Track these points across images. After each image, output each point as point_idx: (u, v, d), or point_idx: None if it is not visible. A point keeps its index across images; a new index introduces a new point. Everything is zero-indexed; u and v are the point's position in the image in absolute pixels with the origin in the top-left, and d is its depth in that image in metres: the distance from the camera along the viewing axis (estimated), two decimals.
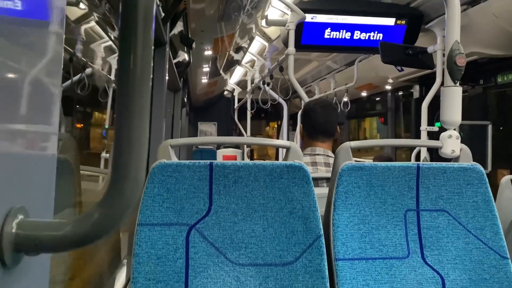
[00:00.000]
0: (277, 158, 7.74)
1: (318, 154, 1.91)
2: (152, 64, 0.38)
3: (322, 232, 1.12)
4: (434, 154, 3.47)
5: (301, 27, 2.90)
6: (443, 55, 2.60)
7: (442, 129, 1.34)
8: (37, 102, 0.42)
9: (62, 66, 0.48)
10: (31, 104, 0.41)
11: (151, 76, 0.38)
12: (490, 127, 3.27)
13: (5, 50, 0.36)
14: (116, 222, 0.35)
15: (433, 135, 2.89)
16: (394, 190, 1.20)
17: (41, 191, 0.43)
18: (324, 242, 1.12)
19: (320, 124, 1.93)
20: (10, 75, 0.37)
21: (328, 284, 1.09)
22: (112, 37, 3.64)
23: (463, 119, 1.33)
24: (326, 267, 1.11)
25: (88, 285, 1.52)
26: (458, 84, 1.28)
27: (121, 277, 1.86)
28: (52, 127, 0.45)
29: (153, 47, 0.38)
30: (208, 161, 1.14)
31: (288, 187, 1.14)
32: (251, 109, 5.72)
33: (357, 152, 5.36)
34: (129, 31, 0.36)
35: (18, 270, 0.37)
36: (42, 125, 0.44)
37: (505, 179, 1.79)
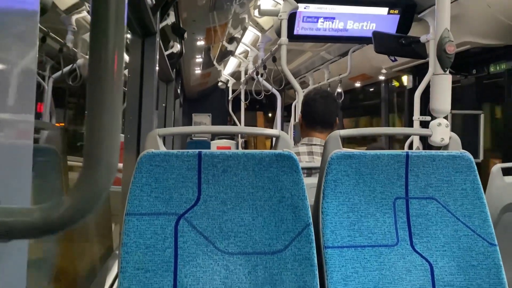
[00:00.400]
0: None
1: (315, 144, 1.91)
2: (123, 50, 0.38)
3: (311, 220, 1.12)
4: (427, 143, 3.48)
5: (294, 17, 2.88)
6: None
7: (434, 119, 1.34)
8: (10, 90, 0.41)
9: (37, 52, 0.47)
10: (3, 93, 0.40)
11: (124, 62, 0.37)
12: (482, 117, 3.28)
13: None
14: (89, 208, 0.35)
15: (427, 125, 2.90)
16: (383, 178, 1.20)
17: (16, 179, 0.43)
18: (313, 230, 1.12)
19: (319, 114, 1.93)
20: None
21: (317, 272, 1.10)
22: None
23: (456, 108, 1.33)
24: (315, 255, 1.11)
25: (80, 275, 1.52)
26: (447, 72, 1.28)
27: (114, 267, 1.86)
28: (27, 116, 0.45)
29: (125, 29, 0.37)
30: (197, 150, 1.13)
31: (277, 176, 1.13)
32: (245, 100, 5.70)
33: (350, 144, 5.37)
34: (100, 15, 0.36)
35: None
36: (17, 113, 0.43)
37: (495, 167, 1.80)
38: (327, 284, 1.12)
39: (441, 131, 1.26)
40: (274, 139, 1.28)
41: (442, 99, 1.28)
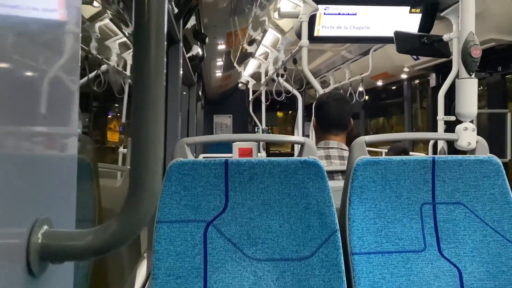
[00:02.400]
0: (292, 150, 7.72)
1: (332, 148, 1.91)
2: (165, 65, 0.39)
3: (338, 226, 1.13)
4: (451, 144, 3.43)
5: (314, 19, 2.88)
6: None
7: (459, 120, 1.33)
8: (55, 105, 0.42)
9: (79, 65, 0.48)
10: (50, 108, 0.41)
11: (165, 77, 0.39)
12: (509, 115, 3.21)
13: (23, 50, 0.36)
14: (134, 232, 0.37)
15: (451, 124, 2.85)
16: (409, 184, 1.20)
17: (63, 201, 0.45)
18: (340, 237, 1.13)
19: (333, 117, 1.93)
20: (28, 76, 0.37)
21: (344, 278, 1.11)
22: (126, 33, 3.67)
23: (481, 107, 1.31)
24: (343, 261, 1.12)
25: (111, 277, 1.56)
26: (473, 76, 1.27)
27: (142, 270, 1.91)
28: (72, 129, 0.46)
29: (165, 44, 0.39)
30: (224, 159, 1.15)
31: (303, 183, 1.15)
32: (266, 101, 5.71)
33: (372, 144, 5.30)
34: (142, 29, 0.37)
35: (44, 277, 0.39)
36: (61, 127, 0.44)
37: None
38: None
39: (468, 135, 1.25)
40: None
41: (468, 103, 1.27)
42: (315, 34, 2.94)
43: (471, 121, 1.29)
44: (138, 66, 0.38)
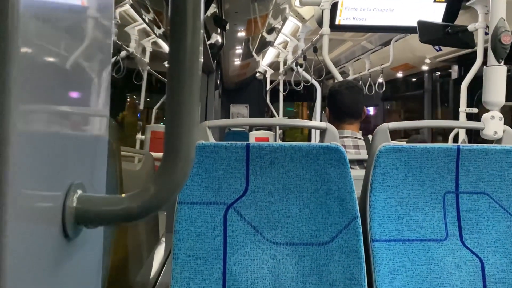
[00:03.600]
0: (309, 141, 7.69)
1: (346, 137, 1.89)
2: (200, 46, 0.39)
3: (358, 213, 1.12)
4: (473, 137, 3.37)
5: (336, 7, 2.84)
6: (485, 33, 2.50)
7: (481, 112, 1.30)
8: (91, 86, 0.44)
9: (111, 52, 0.50)
10: (86, 89, 0.43)
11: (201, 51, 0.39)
12: None
13: (65, 40, 0.37)
14: (169, 196, 0.37)
15: (472, 118, 2.80)
16: (432, 172, 1.18)
17: (95, 168, 0.46)
18: (360, 223, 1.12)
19: (346, 106, 1.91)
20: (67, 63, 0.38)
21: (364, 264, 1.10)
22: (147, 20, 3.67)
23: (506, 100, 1.28)
24: (363, 247, 1.11)
25: (130, 259, 1.58)
26: (502, 63, 1.24)
27: (160, 253, 1.93)
28: (104, 109, 0.48)
29: (202, 25, 0.39)
30: (245, 142, 1.15)
31: (324, 169, 1.14)
32: (284, 91, 5.69)
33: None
34: (179, 15, 0.38)
35: (78, 241, 0.39)
36: (95, 107, 0.46)
37: None
38: (375, 277, 1.12)
39: (495, 124, 1.22)
40: (317, 132, 1.28)
41: (496, 91, 1.24)
42: (337, 22, 2.90)
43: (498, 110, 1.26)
44: (174, 31, 0.38)
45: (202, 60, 0.39)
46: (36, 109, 0.33)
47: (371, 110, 6.82)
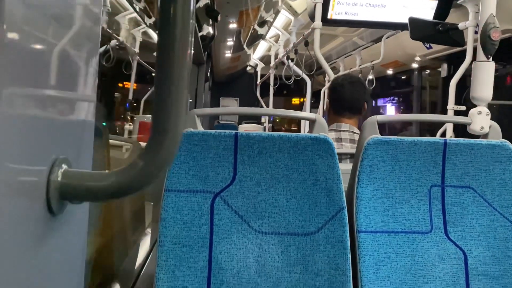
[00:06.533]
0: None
1: (343, 130, 1.90)
2: (190, 25, 0.39)
3: (345, 204, 1.13)
4: (460, 134, 3.40)
5: (328, 1, 2.84)
6: (475, 32, 2.52)
7: (469, 109, 1.32)
8: (79, 70, 0.44)
9: (100, 38, 0.50)
10: (74, 72, 0.43)
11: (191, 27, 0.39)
12: None
13: (53, 26, 0.37)
14: (157, 172, 0.37)
15: (460, 115, 2.83)
16: (419, 165, 1.19)
17: (82, 143, 0.45)
18: (347, 214, 1.13)
19: (347, 100, 1.91)
20: (55, 48, 0.38)
21: (349, 255, 1.11)
22: (137, 9, 3.63)
23: (493, 99, 1.30)
24: (348, 238, 1.12)
25: (114, 246, 1.57)
26: (491, 59, 1.25)
27: (146, 243, 1.92)
28: (91, 93, 0.48)
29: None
30: (234, 131, 1.15)
31: (312, 159, 1.14)
32: (274, 85, 5.68)
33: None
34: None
35: (63, 217, 0.39)
36: (82, 90, 0.46)
37: None
38: (359, 268, 1.13)
39: (481, 119, 1.24)
40: (306, 123, 1.28)
41: (484, 86, 1.25)
42: (329, 16, 2.90)
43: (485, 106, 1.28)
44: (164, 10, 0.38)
45: (192, 49, 0.38)
46: (20, 91, 0.33)
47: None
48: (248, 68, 7.79)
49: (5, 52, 0.29)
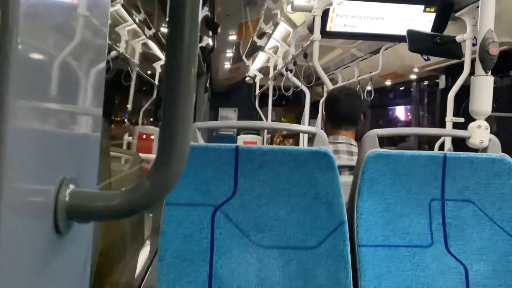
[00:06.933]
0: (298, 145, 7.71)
1: (340, 143, 1.90)
2: (197, 50, 0.39)
3: (346, 218, 1.13)
4: (458, 147, 3.42)
5: (327, 13, 2.86)
6: (473, 44, 2.54)
7: (467, 121, 1.32)
8: (85, 85, 0.44)
9: (106, 53, 0.50)
10: (81, 87, 0.43)
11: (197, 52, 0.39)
12: None
13: (61, 39, 0.38)
14: (163, 193, 0.37)
15: (458, 127, 2.84)
16: (419, 179, 1.20)
17: (87, 164, 0.46)
18: (347, 228, 1.13)
19: (344, 112, 1.92)
20: (63, 62, 0.39)
21: (350, 269, 1.11)
22: (137, 20, 3.65)
23: (492, 111, 1.31)
24: (349, 252, 1.12)
25: (114, 259, 1.57)
26: (489, 73, 1.26)
27: (145, 255, 1.92)
28: (97, 108, 0.48)
29: (199, 28, 0.39)
30: (234, 145, 1.15)
31: (313, 173, 1.14)
32: (273, 96, 5.69)
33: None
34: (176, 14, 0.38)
35: (69, 236, 0.39)
36: (89, 105, 0.46)
37: None
38: (360, 282, 1.13)
39: (481, 133, 1.24)
40: (305, 136, 1.28)
41: (483, 100, 1.26)
42: (328, 28, 2.92)
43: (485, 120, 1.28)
44: (173, 20, 0.38)
45: (196, 68, 0.39)
46: (30, 106, 0.33)
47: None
48: (247, 79, 7.82)
49: (15, 69, 0.29)
